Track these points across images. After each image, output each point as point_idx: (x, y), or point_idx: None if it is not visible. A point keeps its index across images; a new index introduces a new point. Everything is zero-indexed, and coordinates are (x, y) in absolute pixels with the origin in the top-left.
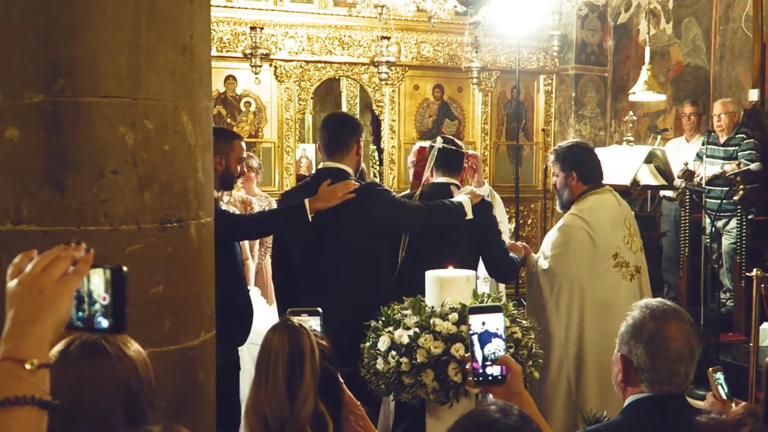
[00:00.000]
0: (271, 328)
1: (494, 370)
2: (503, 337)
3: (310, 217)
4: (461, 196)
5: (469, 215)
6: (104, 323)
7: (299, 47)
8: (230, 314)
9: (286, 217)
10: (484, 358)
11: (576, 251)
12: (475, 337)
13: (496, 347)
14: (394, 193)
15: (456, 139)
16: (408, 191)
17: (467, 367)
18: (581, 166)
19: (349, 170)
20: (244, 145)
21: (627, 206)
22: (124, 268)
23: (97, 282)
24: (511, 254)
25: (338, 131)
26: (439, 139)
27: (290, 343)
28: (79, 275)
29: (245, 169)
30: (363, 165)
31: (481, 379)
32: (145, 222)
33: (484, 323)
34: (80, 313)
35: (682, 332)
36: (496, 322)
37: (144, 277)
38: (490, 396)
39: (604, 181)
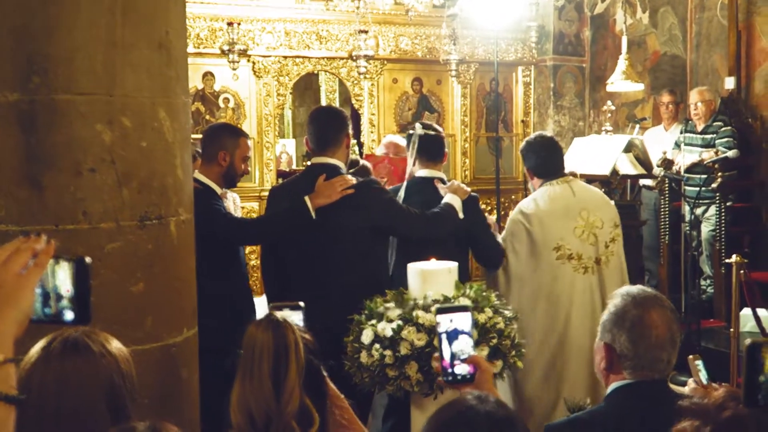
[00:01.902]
0: (254, 323)
1: (462, 369)
2: (470, 335)
3: (313, 214)
4: (449, 196)
5: (461, 215)
6: (69, 315)
7: (277, 42)
8: (230, 315)
9: (289, 218)
10: (452, 357)
11: (513, 245)
12: (443, 336)
13: (464, 345)
14: (391, 195)
15: (435, 124)
16: (392, 186)
17: (435, 365)
18: (532, 160)
19: (341, 165)
20: (250, 143)
21: (593, 196)
22: (87, 259)
23: (62, 276)
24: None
25: (328, 125)
26: (418, 125)
27: (275, 339)
28: (41, 268)
29: (248, 169)
30: (368, 163)
31: (450, 378)
32: (125, 219)
33: (452, 321)
34: (47, 309)
35: (664, 319)
36: (463, 321)
37: (124, 274)
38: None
39: (580, 171)
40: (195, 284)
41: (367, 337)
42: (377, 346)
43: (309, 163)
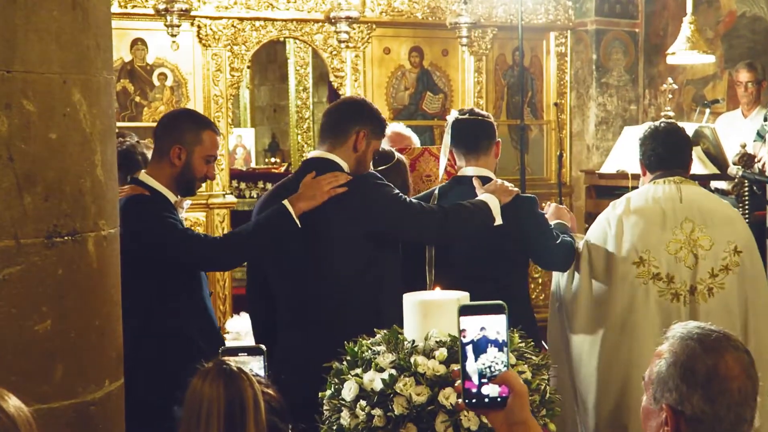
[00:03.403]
0: (199, 373)
1: (491, 390)
2: (504, 345)
3: (297, 221)
4: (486, 195)
5: (498, 220)
6: None
7: (230, 0)
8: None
9: (268, 229)
10: (480, 374)
11: (589, 251)
12: (469, 347)
13: (494, 358)
14: (397, 190)
15: (477, 108)
16: (424, 192)
17: (456, 385)
18: (648, 149)
19: (343, 164)
20: (219, 141)
21: (708, 207)
22: None
23: None
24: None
25: (334, 114)
26: (453, 112)
27: (227, 394)
28: None
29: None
30: (403, 158)
31: (475, 401)
32: (26, 236)
33: (483, 327)
34: None
35: (742, 365)
36: (496, 326)
37: (26, 309)
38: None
39: (632, 171)
40: (120, 321)
41: (350, 391)
42: (363, 403)
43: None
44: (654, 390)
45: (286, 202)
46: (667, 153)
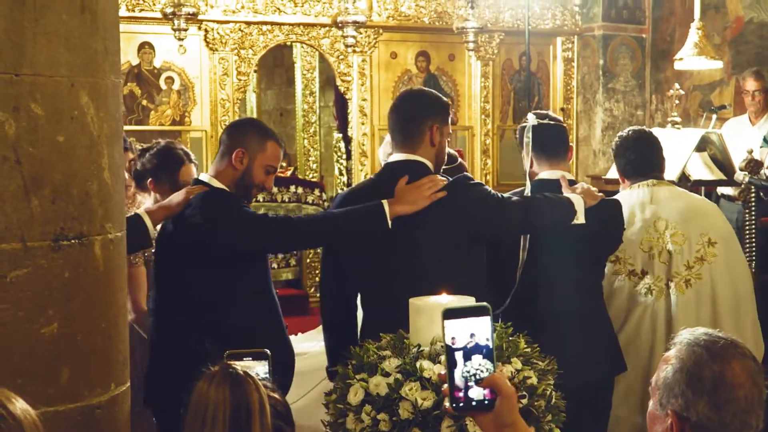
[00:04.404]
0: (204, 377)
1: (477, 393)
2: (489, 348)
3: (389, 223)
4: (573, 195)
5: (581, 219)
6: None
7: (237, 4)
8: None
9: (358, 221)
10: (466, 379)
11: None
12: (456, 352)
13: (481, 361)
14: (490, 188)
15: (551, 113)
16: (517, 190)
17: (444, 389)
18: (621, 159)
19: (428, 163)
20: (281, 155)
21: (680, 205)
22: None
23: None
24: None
25: (406, 111)
26: (530, 116)
27: (233, 398)
28: None
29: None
30: (463, 160)
31: (462, 405)
32: (33, 239)
33: (472, 334)
34: None
35: (748, 372)
36: (482, 329)
37: (32, 312)
38: None
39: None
40: (126, 324)
41: (355, 395)
42: (369, 407)
43: (389, 159)
44: (660, 395)
45: (384, 202)
46: (639, 160)
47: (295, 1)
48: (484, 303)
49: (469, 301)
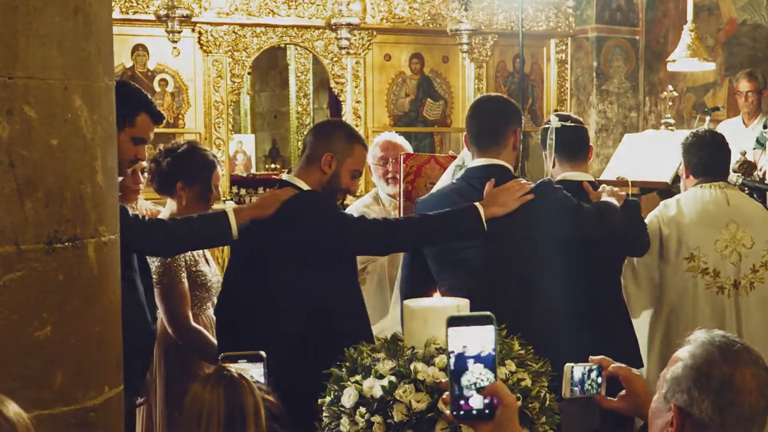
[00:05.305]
0: (200, 379)
1: (478, 402)
2: (492, 357)
3: (485, 225)
4: (608, 198)
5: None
6: None
7: (231, 6)
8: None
9: (456, 222)
10: (467, 387)
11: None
12: (458, 359)
13: (483, 370)
14: (569, 194)
15: (572, 114)
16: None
17: (444, 396)
18: (695, 156)
19: (509, 167)
20: (369, 159)
21: (750, 210)
22: None
23: None
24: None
25: (490, 117)
26: (553, 117)
27: (227, 401)
28: None
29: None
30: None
31: (462, 413)
32: (27, 242)
33: (469, 342)
34: None
35: (758, 381)
36: (484, 338)
37: (26, 315)
38: None
39: (632, 177)
40: (120, 327)
41: (349, 398)
42: (363, 410)
43: (468, 165)
44: (666, 390)
45: (478, 204)
46: (712, 161)
47: (288, 4)
48: (488, 312)
49: (463, 303)
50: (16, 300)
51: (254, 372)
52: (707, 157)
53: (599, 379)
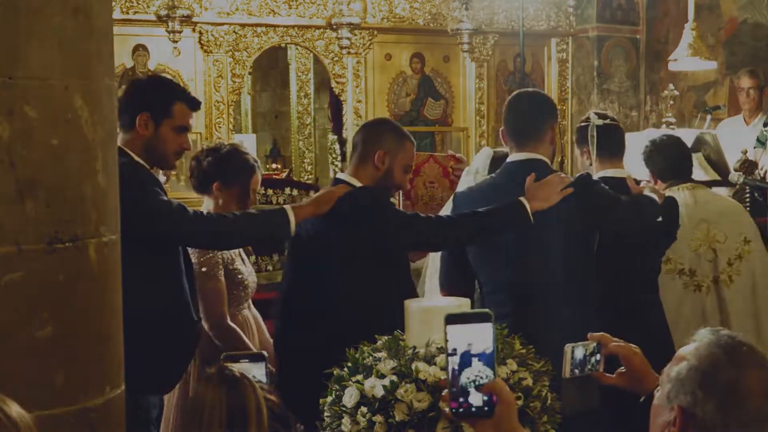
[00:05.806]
0: (202, 379)
1: (477, 399)
2: (491, 355)
3: (531, 218)
4: (650, 194)
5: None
6: None
7: (231, 6)
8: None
9: (503, 217)
10: (467, 384)
11: None
12: (456, 357)
13: (482, 367)
14: (606, 187)
15: (608, 112)
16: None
17: (444, 394)
18: (660, 163)
19: (548, 161)
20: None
21: (719, 207)
22: None
23: None
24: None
25: (528, 112)
26: (592, 115)
27: (229, 400)
28: None
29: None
30: (462, 164)
31: (462, 410)
32: (27, 242)
33: (470, 341)
34: None
35: (764, 384)
36: (483, 336)
37: (27, 315)
38: None
39: (633, 177)
40: (122, 328)
41: (351, 397)
42: (364, 409)
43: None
44: (669, 389)
45: (523, 199)
46: (676, 165)
47: (289, 3)
48: (486, 310)
49: (464, 304)
50: (16, 300)
51: (256, 371)
52: (672, 162)
53: (598, 356)
